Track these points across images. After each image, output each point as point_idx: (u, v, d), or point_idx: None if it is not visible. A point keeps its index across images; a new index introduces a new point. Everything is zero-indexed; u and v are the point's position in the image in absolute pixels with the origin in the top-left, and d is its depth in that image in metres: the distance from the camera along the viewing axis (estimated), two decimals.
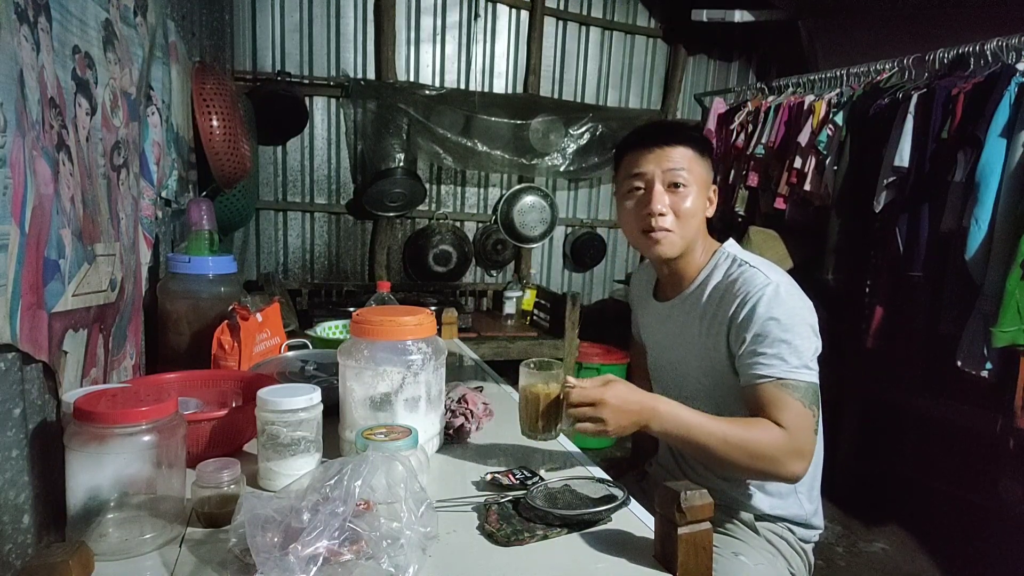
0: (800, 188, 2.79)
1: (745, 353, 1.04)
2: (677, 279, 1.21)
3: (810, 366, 1.01)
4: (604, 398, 0.92)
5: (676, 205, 1.12)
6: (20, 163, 0.66)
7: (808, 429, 0.99)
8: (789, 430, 0.98)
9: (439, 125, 3.30)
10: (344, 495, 0.64)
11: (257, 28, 3.09)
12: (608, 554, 0.76)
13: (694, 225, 1.14)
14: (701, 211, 1.15)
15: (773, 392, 1.00)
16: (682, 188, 1.12)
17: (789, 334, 1.01)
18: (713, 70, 4.01)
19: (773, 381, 1.00)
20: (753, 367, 1.02)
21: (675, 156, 1.12)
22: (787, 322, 1.02)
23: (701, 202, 1.14)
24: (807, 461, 0.99)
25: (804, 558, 1.19)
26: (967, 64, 2.32)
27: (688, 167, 1.12)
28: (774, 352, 1.01)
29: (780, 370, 1.00)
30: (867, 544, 2.47)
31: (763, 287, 1.04)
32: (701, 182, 1.14)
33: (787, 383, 1.00)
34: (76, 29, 0.85)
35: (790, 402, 0.99)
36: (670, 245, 1.14)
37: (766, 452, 0.97)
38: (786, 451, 0.97)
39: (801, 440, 0.98)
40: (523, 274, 3.74)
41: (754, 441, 0.97)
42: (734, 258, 1.15)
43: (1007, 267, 1.95)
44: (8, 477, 0.67)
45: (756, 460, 0.97)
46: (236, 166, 1.76)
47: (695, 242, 1.16)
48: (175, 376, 1.10)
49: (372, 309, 1.02)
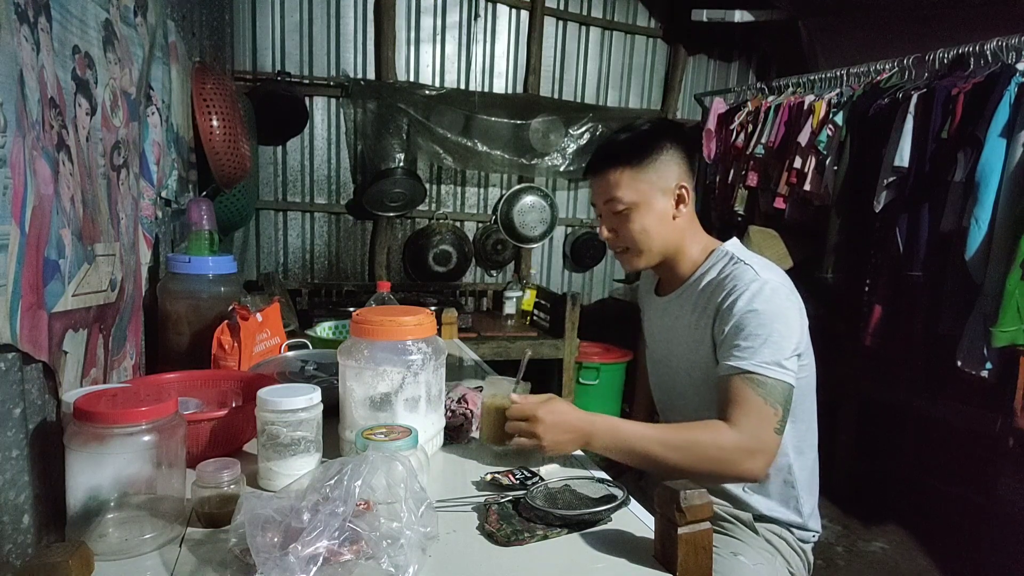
0: (800, 188, 2.79)
1: (721, 344, 1.05)
2: (673, 277, 1.22)
3: (784, 365, 1.00)
4: (538, 414, 0.95)
5: (621, 228, 1.16)
6: (20, 163, 0.66)
7: (765, 427, 0.98)
8: (741, 429, 0.97)
9: (439, 125, 3.30)
10: (344, 495, 0.64)
11: (257, 28, 3.09)
12: (608, 554, 0.76)
13: (654, 237, 1.15)
14: (655, 223, 1.14)
15: (737, 386, 1.00)
16: (623, 212, 1.14)
17: (766, 329, 1.00)
18: (713, 70, 4.01)
19: (741, 374, 1.00)
20: (725, 358, 1.03)
21: (605, 183, 1.14)
22: (767, 318, 1.01)
23: (651, 216, 1.14)
24: (764, 459, 0.98)
25: (803, 558, 1.19)
26: (967, 64, 2.32)
27: (623, 189, 1.12)
28: (747, 345, 1.01)
29: (749, 363, 1.00)
30: (866, 544, 2.47)
31: (750, 282, 1.05)
32: (644, 196, 1.13)
33: (753, 378, 0.99)
34: (76, 29, 0.85)
35: (751, 398, 0.98)
36: (630, 262, 1.19)
37: (713, 453, 0.97)
38: (736, 450, 0.96)
39: (756, 439, 0.97)
40: (523, 274, 3.74)
41: (699, 444, 0.97)
42: (732, 256, 1.15)
43: (1007, 267, 1.95)
44: (8, 477, 0.67)
45: (705, 462, 0.97)
46: (236, 166, 1.76)
47: (679, 244, 1.17)
48: (175, 376, 1.10)
49: (372, 309, 1.02)
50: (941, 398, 2.37)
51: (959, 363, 2.09)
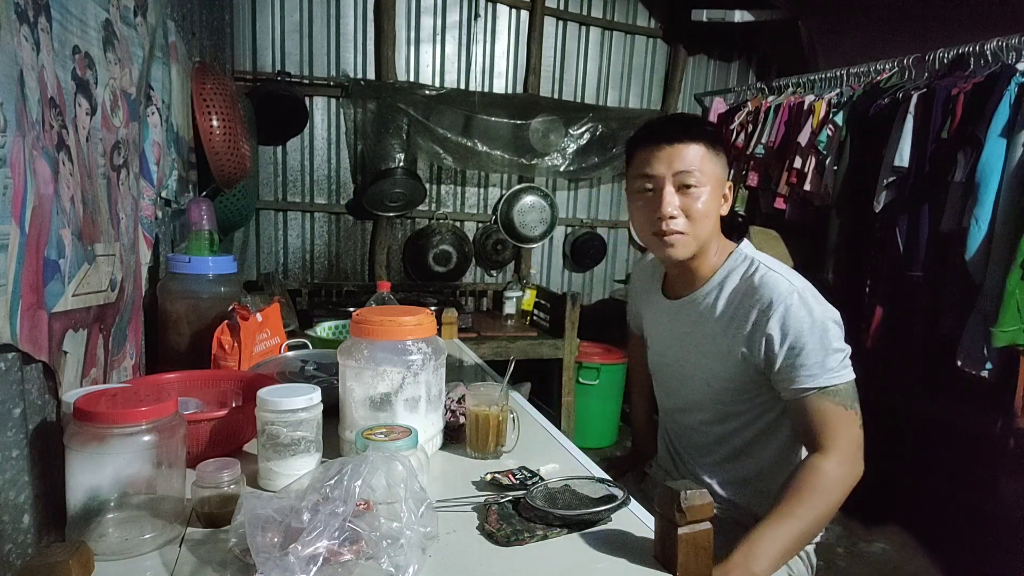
0: (800, 188, 2.79)
1: (783, 368, 1.03)
2: (689, 278, 1.18)
3: (844, 364, 1.02)
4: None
5: (688, 207, 1.09)
6: (20, 163, 0.66)
7: (850, 431, 1.01)
8: (835, 448, 0.99)
9: (439, 125, 3.30)
10: (344, 495, 0.64)
11: (257, 28, 3.09)
12: (608, 554, 0.76)
13: (707, 226, 1.11)
14: (715, 211, 1.11)
15: (816, 404, 1.01)
16: (694, 189, 1.08)
17: (821, 341, 1.01)
18: (713, 70, 4.01)
19: (815, 392, 1.01)
20: (794, 381, 1.02)
21: (686, 155, 1.07)
22: (818, 329, 1.01)
23: (715, 202, 1.11)
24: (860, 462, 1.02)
25: (806, 560, 1.18)
26: (967, 64, 2.32)
27: (700, 166, 1.07)
28: (813, 362, 1.01)
29: (823, 379, 1.00)
30: (867, 544, 2.47)
31: (789, 294, 1.03)
32: (714, 180, 1.09)
33: (828, 390, 1.00)
34: (76, 29, 0.85)
35: (833, 411, 1.00)
36: (683, 247, 1.11)
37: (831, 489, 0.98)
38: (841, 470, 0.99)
39: (847, 449, 1.00)
40: (523, 274, 3.74)
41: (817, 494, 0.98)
42: (752, 260, 1.12)
43: (1007, 267, 1.95)
44: (8, 477, 0.67)
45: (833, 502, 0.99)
46: (236, 166, 1.76)
47: (709, 242, 1.14)
48: (175, 376, 1.10)
49: (372, 309, 1.02)
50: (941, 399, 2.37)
51: (959, 363, 2.09)
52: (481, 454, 1.03)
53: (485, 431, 1.02)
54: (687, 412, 1.24)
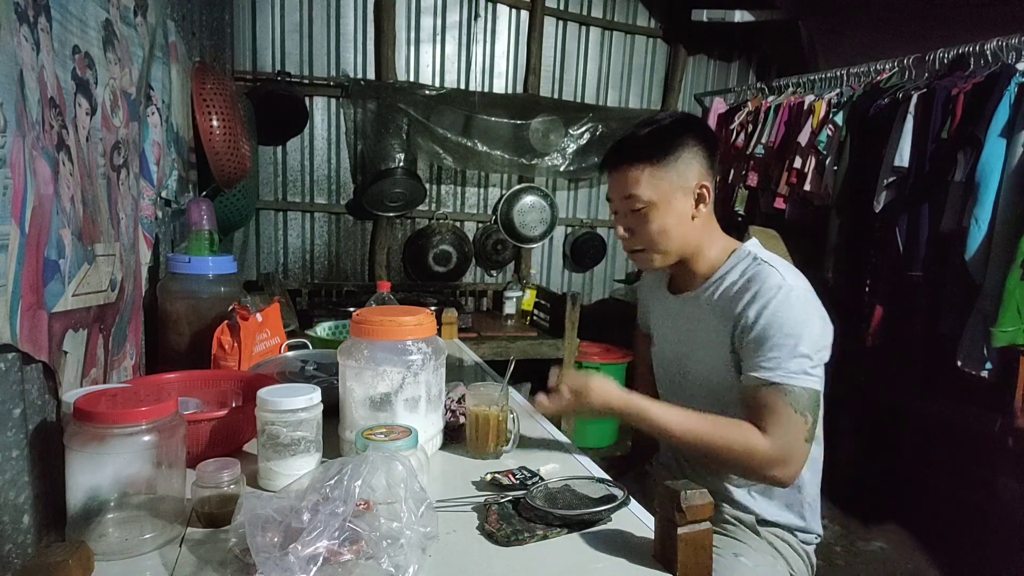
0: (800, 188, 2.79)
1: (747, 354, 1.03)
2: (688, 276, 1.19)
3: (810, 372, 1.00)
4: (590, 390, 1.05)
5: (638, 227, 1.13)
6: (20, 163, 0.66)
7: (796, 436, 0.98)
8: (772, 438, 0.97)
9: (439, 125, 3.30)
10: (344, 495, 0.64)
11: (257, 28, 3.09)
12: (608, 554, 0.76)
13: (672, 238, 1.11)
14: (675, 223, 1.11)
15: (766, 396, 0.99)
16: (641, 211, 1.10)
17: (793, 339, 0.99)
18: (713, 70, 4.01)
19: (769, 386, 0.99)
20: (752, 369, 1.02)
21: (627, 179, 1.10)
22: (794, 327, 1.00)
23: (670, 215, 1.10)
24: (793, 467, 0.99)
25: (806, 560, 1.18)
26: (967, 64, 2.32)
27: (641, 188, 1.09)
28: (775, 355, 0.99)
29: (777, 374, 0.99)
30: (865, 543, 2.47)
31: (776, 288, 1.02)
32: (664, 194, 1.09)
33: (782, 387, 0.98)
34: (76, 29, 0.85)
35: (781, 408, 0.98)
36: (646, 262, 1.16)
37: (742, 456, 0.99)
38: (766, 459, 0.97)
39: (787, 449, 0.97)
40: (523, 274, 3.74)
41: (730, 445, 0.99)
42: (754, 256, 1.12)
43: (1007, 267, 1.95)
44: (8, 477, 0.67)
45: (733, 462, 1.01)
46: (236, 166, 1.76)
47: (693, 246, 1.14)
48: (175, 376, 1.10)
49: (372, 309, 1.02)
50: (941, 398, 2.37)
51: (959, 363, 2.09)
52: (481, 454, 1.03)
53: (485, 431, 1.02)
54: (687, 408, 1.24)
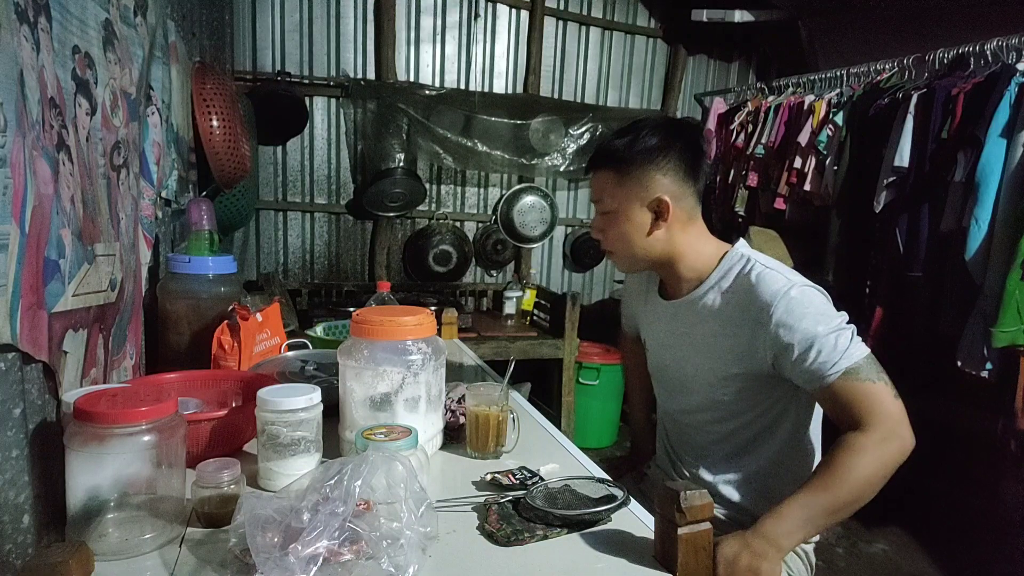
0: (800, 188, 2.79)
1: (799, 362, 1.02)
2: (675, 281, 1.20)
3: (853, 339, 1.01)
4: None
5: (604, 230, 1.17)
6: (20, 163, 0.66)
7: (883, 404, 0.98)
8: (870, 423, 0.97)
9: (439, 125, 3.30)
10: (344, 495, 0.64)
11: (257, 28, 3.09)
12: (608, 554, 0.76)
13: (633, 246, 1.14)
14: (633, 232, 1.13)
15: (843, 387, 0.99)
16: (607, 214, 1.15)
17: (828, 325, 1.01)
18: (713, 70, 4.01)
19: (840, 376, 0.99)
20: (814, 373, 1.01)
21: (596, 183, 1.17)
22: (819, 317, 1.01)
23: (628, 224, 1.13)
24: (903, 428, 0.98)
25: (805, 560, 1.18)
26: (967, 64, 2.32)
27: (607, 193, 1.14)
28: (829, 347, 1.00)
29: (839, 365, 0.99)
30: (867, 545, 2.47)
31: (787, 290, 1.03)
32: (622, 204, 1.13)
33: (849, 371, 0.99)
34: (76, 29, 0.85)
35: (862, 389, 0.98)
36: (617, 264, 1.22)
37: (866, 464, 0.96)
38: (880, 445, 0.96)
39: (885, 422, 0.97)
40: (523, 274, 3.74)
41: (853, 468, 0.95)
42: (747, 259, 1.12)
43: (1007, 267, 1.95)
44: (8, 477, 0.67)
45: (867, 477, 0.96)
46: (236, 166, 1.76)
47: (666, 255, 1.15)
48: (175, 376, 1.10)
49: (372, 309, 1.02)
50: (941, 399, 2.37)
51: (959, 363, 2.09)
52: (481, 454, 1.03)
53: (485, 431, 1.02)
54: (688, 413, 1.24)
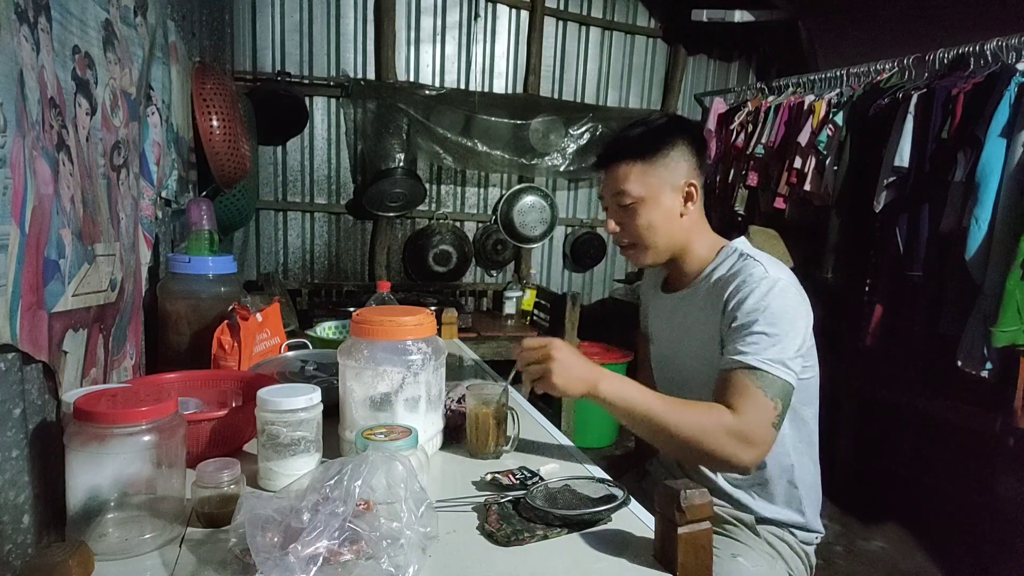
0: (800, 188, 2.79)
1: (729, 340, 1.04)
2: (680, 273, 1.22)
3: (788, 365, 0.99)
4: (553, 351, 0.96)
5: (627, 223, 1.16)
6: (20, 163, 0.66)
7: (763, 420, 0.97)
8: (740, 415, 0.96)
9: (439, 125, 3.30)
10: (344, 495, 0.64)
11: (257, 28, 3.09)
12: (608, 554, 0.76)
13: (660, 233, 1.15)
14: (662, 219, 1.14)
15: (739, 378, 0.99)
16: (630, 206, 1.14)
17: (773, 328, 1.00)
18: (713, 70, 4.01)
19: (742, 368, 0.99)
20: (730, 352, 1.02)
21: (616, 176, 1.15)
22: (774, 317, 1.01)
23: (658, 211, 1.14)
24: (758, 451, 0.96)
25: (805, 561, 1.18)
26: (967, 64, 2.32)
27: (630, 184, 1.13)
28: (752, 340, 1.00)
29: (755, 359, 0.99)
30: (865, 543, 2.47)
31: (760, 279, 1.04)
32: (652, 191, 1.13)
33: (757, 371, 0.98)
34: (76, 29, 0.85)
35: (752, 390, 0.97)
36: (636, 258, 1.19)
37: (710, 430, 0.95)
38: (733, 435, 0.95)
39: (753, 429, 0.96)
40: (523, 274, 3.74)
41: (700, 419, 0.95)
42: (741, 253, 1.14)
43: (1007, 267, 1.95)
44: (8, 477, 0.67)
45: (700, 437, 0.95)
46: (236, 166, 1.76)
47: (683, 243, 1.17)
48: (175, 376, 1.10)
49: (372, 309, 1.02)
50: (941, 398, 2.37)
51: (959, 363, 2.09)
52: (481, 454, 1.03)
53: (485, 431, 1.02)
54: None
